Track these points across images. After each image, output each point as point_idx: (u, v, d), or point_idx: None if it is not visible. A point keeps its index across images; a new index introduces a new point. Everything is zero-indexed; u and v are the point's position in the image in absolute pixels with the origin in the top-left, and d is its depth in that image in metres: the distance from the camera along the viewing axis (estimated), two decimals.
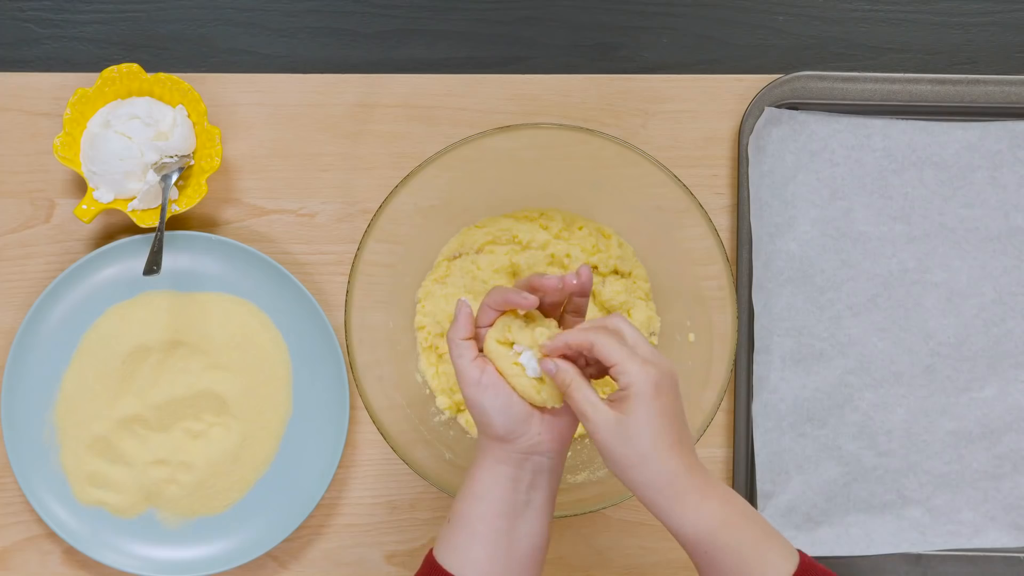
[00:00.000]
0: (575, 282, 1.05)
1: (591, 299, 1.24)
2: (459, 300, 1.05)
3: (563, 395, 1.02)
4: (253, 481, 1.27)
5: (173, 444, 1.26)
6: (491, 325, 1.06)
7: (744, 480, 1.26)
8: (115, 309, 1.26)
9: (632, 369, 0.98)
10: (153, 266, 1.21)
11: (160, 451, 1.26)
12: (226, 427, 1.26)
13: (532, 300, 1.04)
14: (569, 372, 1.01)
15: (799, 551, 1.02)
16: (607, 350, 0.99)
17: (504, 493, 1.04)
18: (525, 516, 1.04)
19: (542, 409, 1.04)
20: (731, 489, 1.03)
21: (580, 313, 1.08)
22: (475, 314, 1.06)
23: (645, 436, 0.98)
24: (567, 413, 1.05)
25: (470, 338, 1.05)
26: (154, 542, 1.26)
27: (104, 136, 1.23)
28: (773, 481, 1.25)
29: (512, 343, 1.04)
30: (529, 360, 1.03)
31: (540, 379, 1.03)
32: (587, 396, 1.00)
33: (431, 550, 1.05)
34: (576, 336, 1.01)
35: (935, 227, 1.27)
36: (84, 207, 1.23)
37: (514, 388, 1.03)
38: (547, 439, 1.04)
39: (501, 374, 1.04)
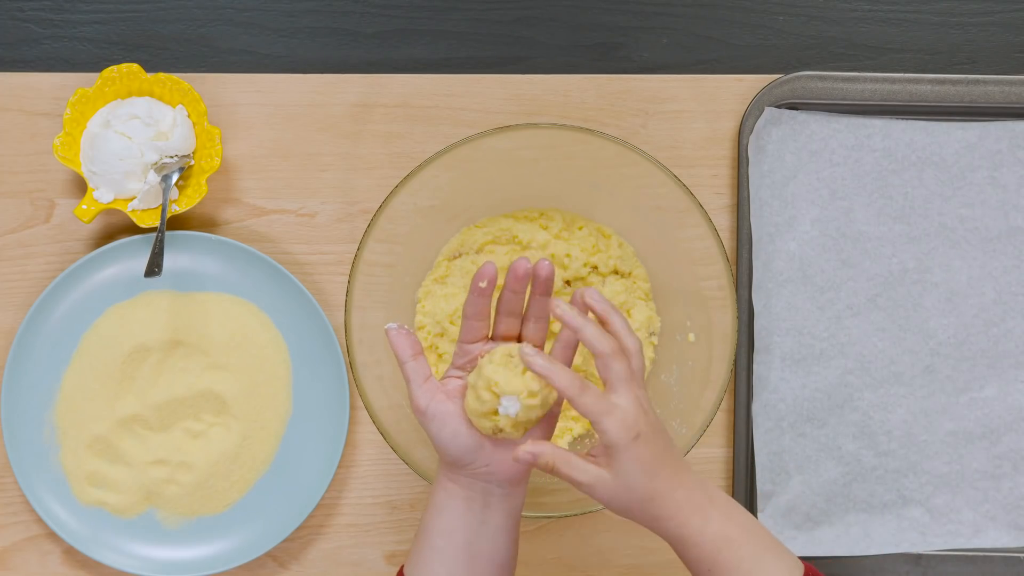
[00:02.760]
0: (527, 269, 1.04)
1: None
2: (387, 326, 1.05)
3: (552, 473, 1.00)
4: (253, 481, 1.27)
5: (173, 444, 1.26)
6: (476, 340, 1.06)
7: (744, 480, 1.26)
8: (115, 309, 1.26)
9: (607, 427, 0.98)
10: (154, 267, 1.21)
11: (160, 451, 1.26)
12: (226, 427, 1.27)
13: (487, 269, 1.04)
14: (549, 453, 0.99)
15: (803, 561, 1.02)
16: (584, 407, 0.98)
17: (459, 512, 1.05)
18: (482, 534, 1.05)
19: (494, 438, 1.04)
20: (732, 501, 1.03)
21: (542, 318, 1.07)
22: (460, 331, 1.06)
23: (639, 483, 0.99)
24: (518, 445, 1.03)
25: (416, 357, 1.04)
26: (154, 542, 1.26)
27: (104, 136, 1.23)
28: (773, 481, 1.25)
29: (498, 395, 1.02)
30: (511, 405, 1.01)
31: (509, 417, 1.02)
32: (575, 467, 0.99)
33: (403, 565, 1.07)
34: (565, 379, 0.99)
35: (935, 227, 1.27)
36: (84, 207, 1.23)
37: (472, 417, 1.03)
38: (497, 470, 1.04)
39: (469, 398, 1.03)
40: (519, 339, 1.08)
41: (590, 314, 1.03)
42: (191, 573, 1.25)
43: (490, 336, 1.08)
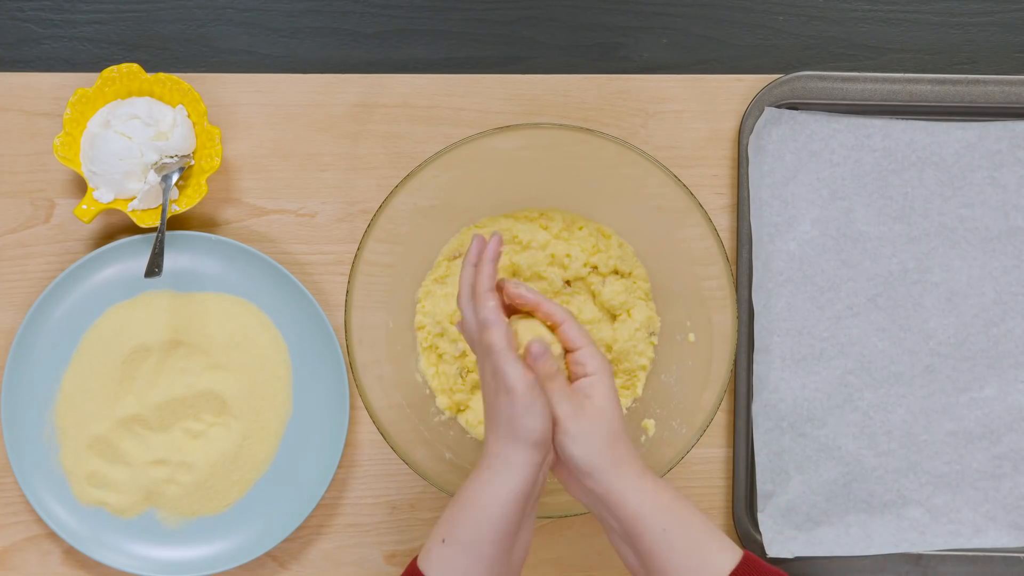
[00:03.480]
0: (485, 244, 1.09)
1: (591, 299, 1.24)
2: (487, 305, 1.06)
3: (546, 376, 1.04)
4: (253, 481, 1.27)
5: (173, 444, 1.26)
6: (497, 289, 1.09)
7: (744, 480, 1.26)
8: (115, 309, 1.26)
9: (597, 354, 1.06)
10: (155, 268, 1.21)
11: (160, 451, 1.26)
12: (226, 427, 1.27)
13: (490, 240, 1.09)
14: (554, 359, 1.05)
15: (746, 551, 1.04)
16: (574, 332, 1.07)
17: (515, 510, 1.02)
18: (524, 527, 1.05)
19: None
20: (679, 492, 1.06)
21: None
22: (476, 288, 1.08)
23: (607, 422, 1.05)
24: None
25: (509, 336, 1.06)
26: (154, 542, 1.26)
27: (104, 136, 1.23)
28: (773, 481, 1.25)
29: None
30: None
31: None
32: (564, 386, 1.05)
33: (415, 560, 1.04)
34: (551, 307, 1.07)
35: (935, 227, 1.27)
36: (84, 207, 1.23)
37: None
38: (554, 452, 1.07)
39: None
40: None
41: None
42: (191, 573, 1.25)
43: None
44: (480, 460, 1.05)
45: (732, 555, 1.03)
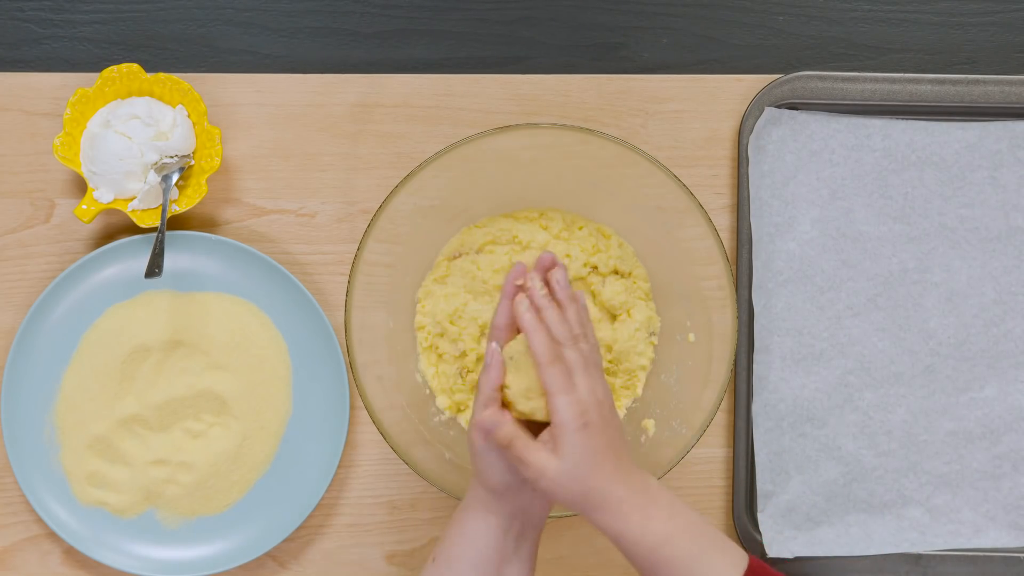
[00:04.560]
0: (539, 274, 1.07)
1: (591, 299, 1.24)
2: (489, 347, 1.06)
3: (506, 448, 1.02)
4: (253, 481, 1.27)
5: (173, 444, 1.26)
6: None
7: (744, 480, 1.26)
8: (115, 309, 1.26)
9: (560, 405, 1.01)
10: (155, 268, 1.21)
11: (160, 451, 1.26)
12: (226, 427, 1.27)
13: (520, 268, 1.06)
14: (509, 428, 1.02)
15: (752, 556, 1.04)
16: (548, 377, 1.02)
17: (493, 542, 1.05)
18: (513, 563, 1.06)
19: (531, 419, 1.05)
20: (676, 501, 1.04)
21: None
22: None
23: (582, 472, 1.01)
24: None
25: (500, 387, 1.05)
26: (154, 542, 1.26)
27: (104, 136, 1.23)
28: (773, 481, 1.25)
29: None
30: None
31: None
32: (528, 447, 1.02)
33: None
34: (543, 344, 1.03)
35: (935, 227, 1.27)
36: (84, 207, 1.23)
37: (514, 400, 1.05)
38: (538, 503, 1.06)
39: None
40: None
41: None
42: (191, 573, 1.25)
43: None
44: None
45: (736, 565, 1.03)
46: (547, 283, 1.07)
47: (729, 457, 1.27)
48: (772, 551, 1.24)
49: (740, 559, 1.03)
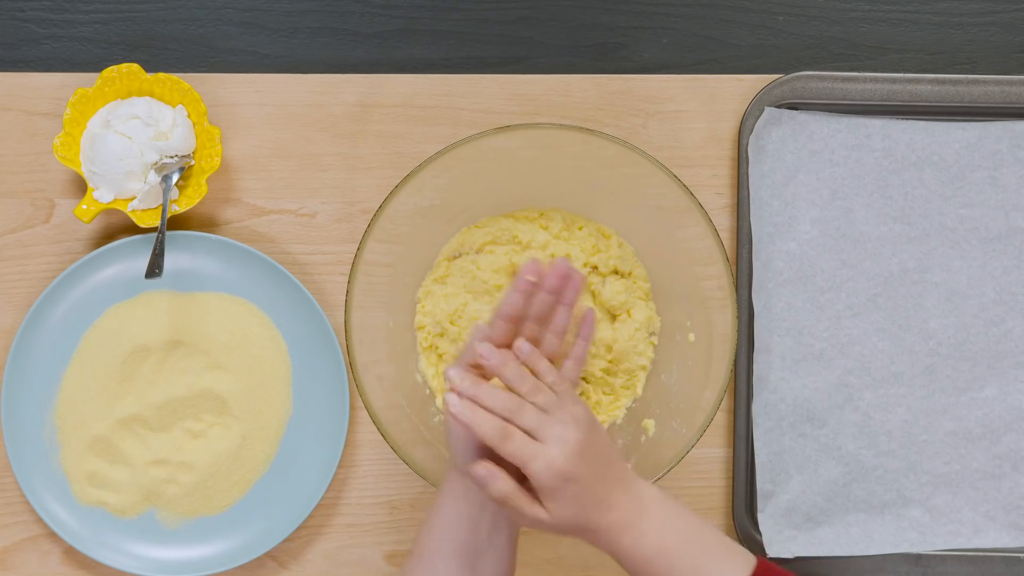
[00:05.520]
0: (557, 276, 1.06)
1: (591, 299, 1.24)
2: (474, 324, 1.06)
3: (500, 503, 1.01)
4: (253, 481, 1.27)
5: (173, 444, 1.26)
6: (504, 345, 1.06)
7: (744, 480, 1.26)
8: (115, 309, 1.26)
9: (533, 471, 1.00)
10: (155, 269, 1.21)
11: (160, 451, 1.26)
12: (226, 427, 1.27)
13: (534, 265, 1.05)
14: (504, 485, 1.01)
15: (760, 559, 1.03)
16: (510, 455, 1.00)
17: (465, 534, 1.05)
18: (487, 555, 1.06)
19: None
20: (673, 510, 1.04)
21: (559, 333, 1.09)
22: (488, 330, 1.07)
23: (572, 518, 1.01)
24: None
25: (476, 366, 1.05)
26: (154, 542, 1.26)
27: (104, 136, 1.23)
28: (773, 481, 1.25)
29: None
30: None
31: None
32: (522, 503, 1.01)
33: None
34: (488, 428, 1.00)
35: (935, 227, 1.27)
36: (84, 207, 1.23)
37: None
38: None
39: None
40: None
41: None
42: (191, 573, 1.25)
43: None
44: None
45: (741, 569, 1.03)
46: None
47: (729, 457, 1.27)
48: (772, 551, 1.24)
49: (744, 563, 1.03)
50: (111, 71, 1.25)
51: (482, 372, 1.06)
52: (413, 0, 1.31)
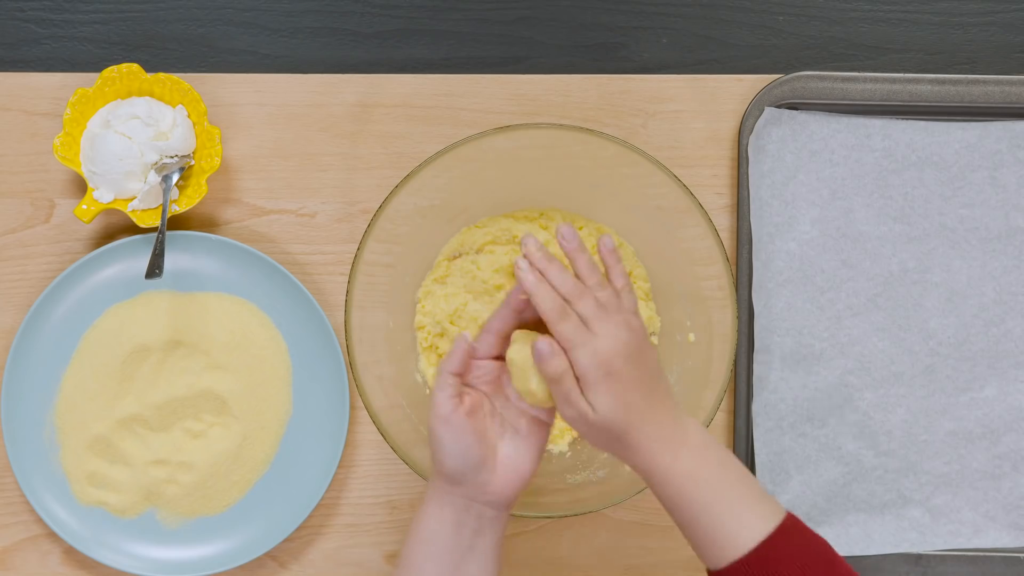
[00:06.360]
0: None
1: None
2: (459, 334, 1.06)
3: (554, 381, 1.01)
4: (253, 481, 1.27)
5: (173, 444, 1.26)
6: (494, 357, 1.06)
7: None
8: (115, 309, 1.27)
9: (579, 358, 0.99)
10: (155, 269, 1.21)
11: (160, 451, 1.26)
12: (226, 427, 1.27)
13: (517, 300, 1.04)
14: (563, 362, 1.00)
15: (790, 514, 1.01)
16: (561, 333, 1.00)
17: (447, 539, 1.05)
18: (471, 560, 1.05)
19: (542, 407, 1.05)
20: (714, 444, 1.02)
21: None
22: (474, 343, 1.06)
23: (612, 416, 0.99)
24: (518, 467, 1.05)
25: (459, 374, 1.05)
26: (154, 542, 1.26)
27: (104, 136, 1.23)
28: (773, 481, 1.25)
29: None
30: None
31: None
32: (571, 391, 1.00)
33: None
34: (548, 301, 1.01)
35: (935, 227, 1.27)
36: (84, 207, 1.23)
37: (522, 389, 1.04)
38: (493, 491, 1.05)
39: (512, 376, 1.04)
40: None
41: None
42: (191, 573, 1.25)
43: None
44: None
45: (767, 518, 1.00)
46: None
47: None
48: None
49: (774, 513, 1.00)
50: (111, 71, 1.25)
51: (466, 380, 1.06)
52: (413, 0, 1.31)
